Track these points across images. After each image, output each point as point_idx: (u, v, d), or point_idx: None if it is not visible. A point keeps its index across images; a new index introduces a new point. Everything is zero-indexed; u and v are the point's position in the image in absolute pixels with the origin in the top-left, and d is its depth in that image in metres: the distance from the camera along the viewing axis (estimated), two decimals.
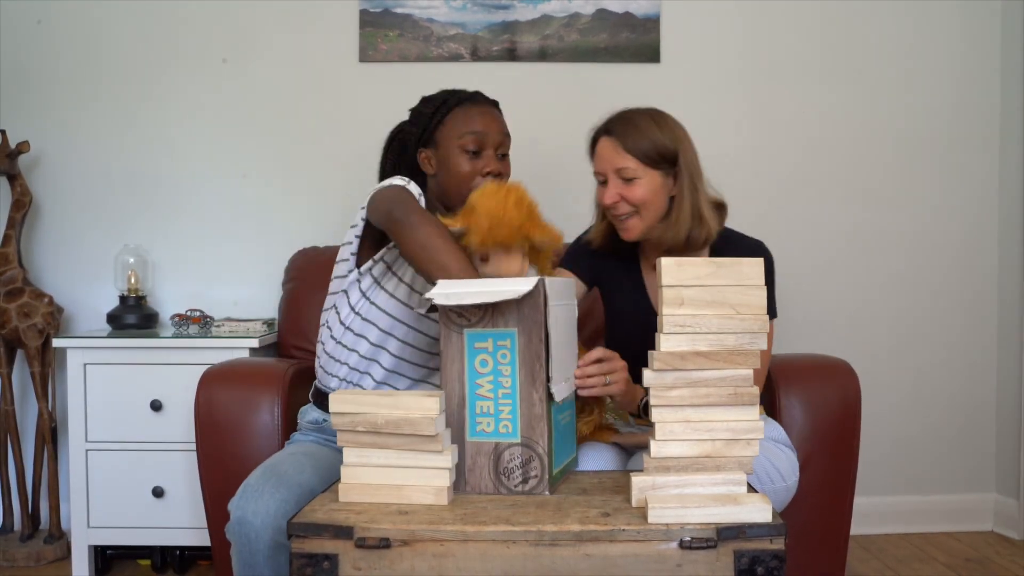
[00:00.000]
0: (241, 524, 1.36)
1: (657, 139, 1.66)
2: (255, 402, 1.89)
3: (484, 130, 1.71)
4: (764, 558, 1.16)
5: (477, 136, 1.70)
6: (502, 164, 1.73)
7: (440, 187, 1.74)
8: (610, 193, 1.67)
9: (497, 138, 1.72)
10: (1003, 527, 2.75)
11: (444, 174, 1.72)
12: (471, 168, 1.70)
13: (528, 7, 2.72)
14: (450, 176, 1.71)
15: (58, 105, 2.73)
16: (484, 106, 1.75)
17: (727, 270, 1.22)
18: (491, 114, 1.75)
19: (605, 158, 1.69)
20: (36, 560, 2.51)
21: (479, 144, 1.70)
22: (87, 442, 2.36)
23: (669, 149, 1.67)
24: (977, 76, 2.80)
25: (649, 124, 1.68)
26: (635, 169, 1.66)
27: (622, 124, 1.69)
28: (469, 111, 1.73)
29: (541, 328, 1.30)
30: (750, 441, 1.22)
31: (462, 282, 1.33)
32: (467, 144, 1.70)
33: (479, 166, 1.70)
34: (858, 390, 1.90)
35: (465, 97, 1.75)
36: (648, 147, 1.66)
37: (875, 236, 2.80)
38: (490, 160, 1.71)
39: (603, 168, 1.70)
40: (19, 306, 2.50)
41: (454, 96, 1.76)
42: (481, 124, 1.71)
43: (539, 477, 1.32)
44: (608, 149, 1.68)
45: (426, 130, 1.74)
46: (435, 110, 1.74)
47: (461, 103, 1.74)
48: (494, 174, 1.70)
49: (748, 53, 2.77)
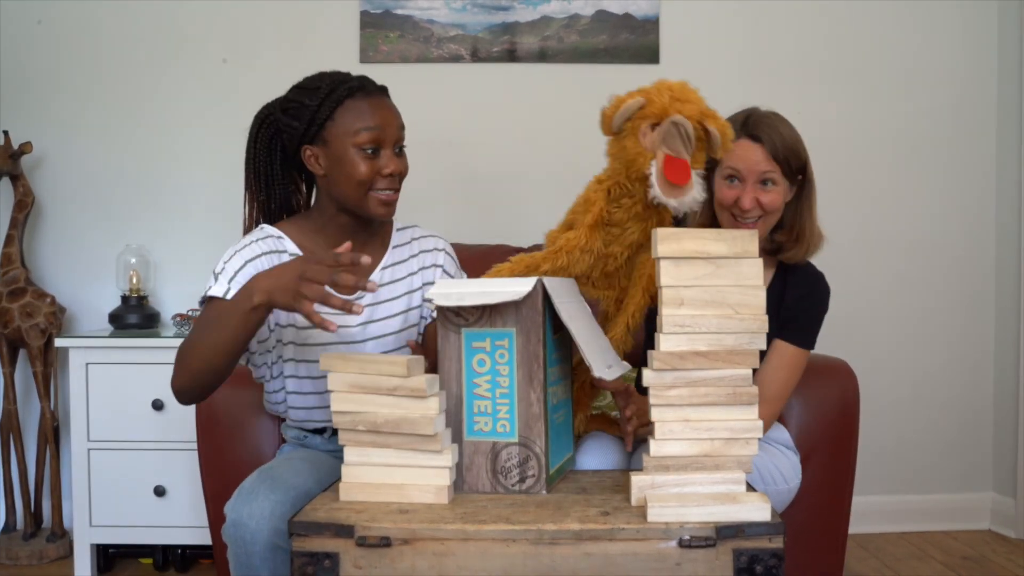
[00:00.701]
0: (237, 527, 1.36)
1: (798, 149, 1.68)
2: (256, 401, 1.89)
3: (381, 125, 1.54)
4: (763, 557, 1.17)
5: (374, 133, 1.53)
6: (400, 160, 1.58)
7: (333, 189, 1.58)
8: (748, 197, 1.66)
9: (395, 133, 1.57)
10: (1000, 526, 2.76)
11: (338, 175, 1.56)
12: (368, 169, 1.54)
13: (528, 8, 2.73)
14: (345, 178, 1.55)
15: (60, 106, 2.73)
16: (377, 96, 1.57)
17: (727, 270, 1.23)
18: (385, 105, 1.58)
19: (751, 160, 1.66)
20: (38, 559, 2.52)
21: (376, 141, 1.54)
22: (89, 441, 2.36)
23: (802, 160, 1.69)
24: (974, 77, 2.81)
25: (792, 132, 1.69)
26: (777, 176, 1.66)
27: (770, 129, 1.66)
28: (361, 104, 1.55)
29: (539, 328, 1.30)
30: (749, 440, 1.23)
31: (462, 282, 1.34)
32: (363, 143, 1.53)
33: (378, 166, 1.54)
34: (857, 390, 1.91)
35: (355, 86, 1.56)
36: (792, 157, 1.67)
37: (874, 236, 2.80)
38: (389, 159, 1.56)
39: (744, 169, 1.67)
40: (22, 306, 2.51)
41: (341, 85, 1.56)
42: (377, 119, 1.54)
43: (536, 476, 1.32)
44: (755, 152, 1.66)
45: (311, 125, 1.56)
46: (320, 103, 1.55)
47: (352, 94, 1.55)
48: (393, 175, 1.56)
49: (748, 54, 2.78)
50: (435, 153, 2.58)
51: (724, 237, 1.22)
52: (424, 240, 1.74)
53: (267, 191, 1.68)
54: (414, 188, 1.95)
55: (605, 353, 1.42)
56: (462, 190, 2.72)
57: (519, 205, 2.65)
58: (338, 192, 1.58)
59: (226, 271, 1.53)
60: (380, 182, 1.56)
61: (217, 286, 1.50)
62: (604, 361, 1.37)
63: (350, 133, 1.54)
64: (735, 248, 1.22)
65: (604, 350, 1.43)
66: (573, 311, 1.38)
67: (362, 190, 1.55)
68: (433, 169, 2.58)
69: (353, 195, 1.56)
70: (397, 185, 1.59)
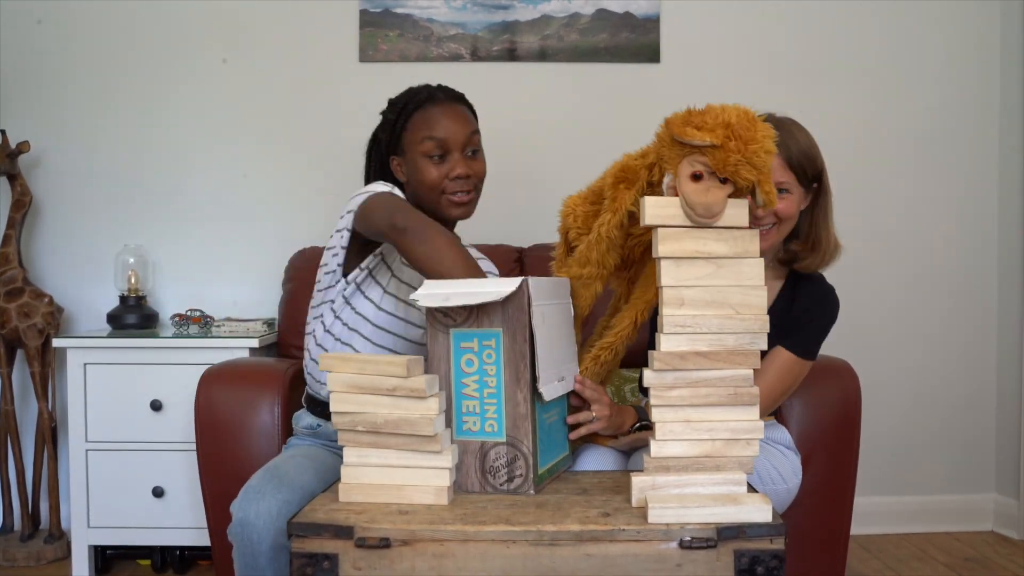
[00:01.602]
0: (243, 526, 1.36)
1: (814, 157, 1.66)
2: (255, 402, 1.89)
3: (445, 134, 1.63)
4: (764, 558, 1.16)
5: (438, 141, 1.63)
6: (471, 163, 1.66)
7: (413, 194, 1.68)
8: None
9: (461, 138, 1.64)
10: (1003, 527, 2.76)
11: (414, 182, 1.67)
12: (437, 174, 1.63)
13: (528, 7, 2.72)
14: (419, 184, 1.65)
15: (58, 105, 2.73)
16: (445, 105, 1.67)
17: (727, 271, 1.22)
18: (453, 113, 1.66)
19: None
20: (36, 560, 2.51)
21: (442, 148, 1.63)
22: (87, 442, 2.36)
23: (818, 168, 1.67)
24: (977, 76, 2.80)
25: (807, 138, 1.67)
26: (791, 184, 1.65)
27: (786, 136, 1.62)
28: (429, 114, 1.65)
29: (525, 328, 1.30)
30: (750, 441, 1.22)
31: (448, 283, 1.34)
32: (429, 150, 1.63)
33: (445, 171, 1.63)
34: (858, 390, 1.91)
35: (425, 98, 1.67)
36: (807, 164, 1.65)
37: (875, 236, 2.80)
38: (456, 163, 1.63)
39: None
40: (19, 306, 2.50)
41: (413, 99, 1.67)
42: (442, 127, 1.63)
43: (524, 476, 1.32)
44: None
45: (392, 137, 1.69)
46: (397, 116, 1.67)
47: (421, 106, 1.66)
48: (462, 177, 1.63)
49: (748, 52, 2.77)
50: None
51: (725, 237, 1.22)
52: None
53: None
54: None
55: (561, 365, 1.43)
56: None
57: (519, 204, 2.64)
58: (418, 197, 1.67)
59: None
60: (450, 185, 1.64)
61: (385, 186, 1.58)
62: (555, 374, 1.38)
63: (417, 141, 1.64)
64: (736, 248, 1.22)
65: (562, 361, 1.43)
66: (549, 315, 1.38)
67: (435, 194, 1.64)
68: None
69: (428, 199, 1.65)
70: (469, 187, 1.66)
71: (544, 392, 1.32)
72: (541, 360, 1.32)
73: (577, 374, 1.50)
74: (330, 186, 2.71)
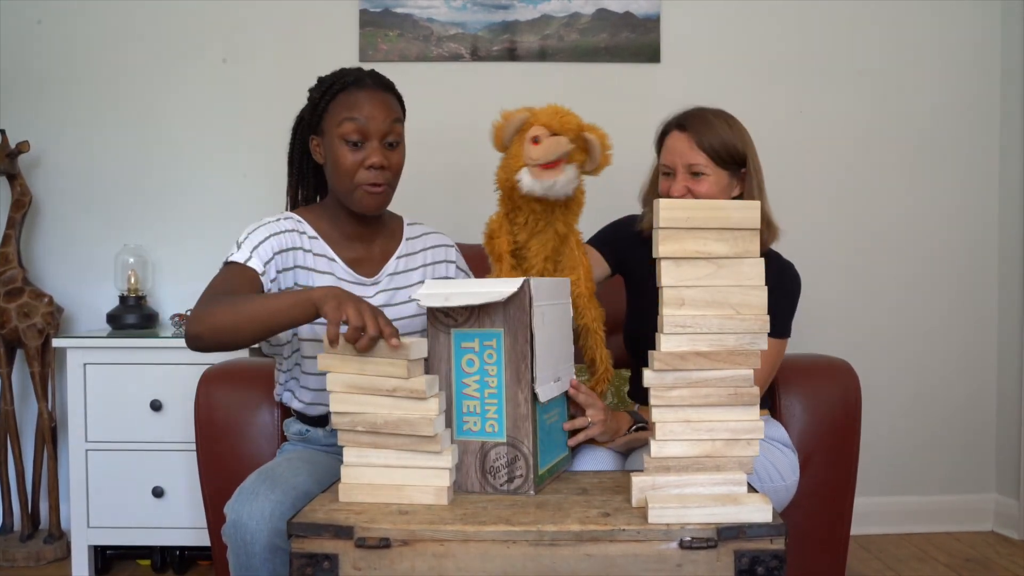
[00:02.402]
0: (237, 527, 1.36)
1: (729, 139, 1.69)
2: (255, 402, 1.89)
3: (366, 117, 1.55)
4: (764, 558, 1.16)
5: (357, 124, 1.55)
6: (388, 154, 1.58)
7: (329, 179, 1.63)
8: (678, 187, 1.69)
9: (382, 125, 1.56)
10: (1003, 527, 2.76)
11: (329, 166, 1.60)
12: (352, 160, 1.56)
13: (528, 7, 2.72)
14: (334, 168, 1.59)
15: (58, 105, 2.73)
16: (371, 90, 1.59)
17: (728, 270, 1.22)
18: (377, 99, 1.58)
19: (676, 152, 1.70)
20: (36, 560, 2.51)
21: (361, 133, 1.56)
22: (87, 442, 2.36)
23: (739, 151, 1.70)
24: (977, 76, 2.80)
25: (723, 124, 1.70)
26: (705, 166, 1.68)
27: (696, 120, 1.70)
28: (352, 96, 1.58)
29: (526, 328, 1.30)
30: (750, 441, 1.22)
31: (450, 283, 1.34)
32: (347, 133, 1.56)
33: (360, 158, 1.56)
34: (858, 390, 1.90)
35: (351, 81, 1.60)
36: (720, 146, 1.68)
37: (875, 236, 2.80)
38: (373, 151, 1.56)
39: (672, 161, 1.71)
40: (19, 306, 2.50)
41: (340, 79, 1.60)
42: (363, 110, 1.56)
43: (524, 476, 1.32)
44: (681, 143, 1.70)
45: (313, 115, 1.61)
46: (322, 95, 1.60)
47: (346, 88, 1.59)
48: (376, 166, 1.56)
49: (748, 53, 2.77)
50: (435, 152, 2.58)
51: (725, 237, 1.21)
52: (431, 236, 1.78)
53: (298, 180, 1.74)
54: (414, 187, 1.94)
55: (559, 366, 1.43)
56: (461, 189, 2.70)
57: None
58: (332, 182, 1.62)
59: (250, 240, 1.57)
60: (363, 174, 1.57)
61: (239, 253, 1.55)
62: (552, 374, 1.39)
63: (337, 123, 1.57)
64: (736, 248, 1.22)
65: (560, 362, 1.44)
66: (548, 315, 1.38)
67: (347, 181, 1.58)
68: (433, 168, 2.58)
69: (340, 185, 1.59)
70: (382, 179, 1.58)
71: (540, 392, 1.32)
72: (539, 360, 1.32)
73: (573, 377, 1.51)
74: None
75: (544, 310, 1.35)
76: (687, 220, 1.20)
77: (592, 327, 1.62)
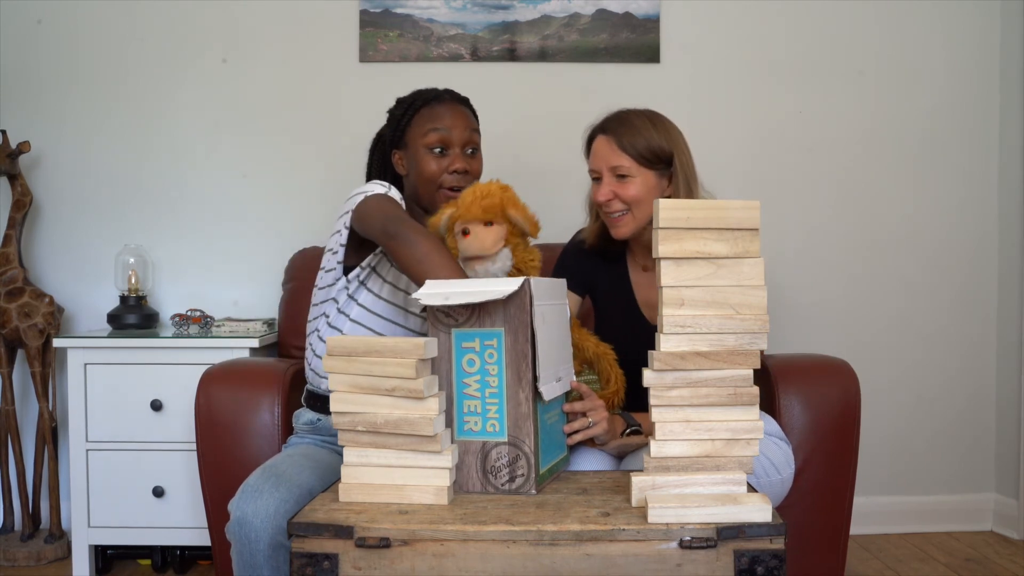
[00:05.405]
0: (241, 524, 1.36)
1: (653, 139, 1.68)
2: (255, 402, 1.89)
3: (448, 127, 1.72)
4: (764, 558, 1.16)
5: (441, 134, 1.71)
6: (469, 161, 1.74)
7: (412, 188, 1.76)
8: (604, 191, 1.69)
9: (463, 135, 1.73)
10: (1002, 527, 2.76)
11: (414, 174, 1.74)
12: (437, 167, 1.71)
13: (528, 7, 2.72)
14: (419, 176, 1.73)
15: (58, 105, 2.73)
16: (449, 104, 1.76)
17: (727, 270, 1.22)
18: (456, 111, 1.75)
19: (600, 156, 1.70)
20: (36, 560, 2.51)
21: (444, 142, 1.72)
22: (87, 442, 2.36)
23: (664, 150, 1.68)
24: (977, 76, 2.80)
25: (645, 124, 1.69)
26: (629, 168, 1.67)
27: (618, 123, 1.70)
28: (434, 110, 1.74)
29: (527, 328, 1.30)
30: (750, 441, 1.22)
31: (449, 282, 1.34)
32: (432, 143, 1.71)
33: (445, 164, 1.71)
34: (858, 390, 1.90)
35: (432, 96, 1.76)
36: (643, 146, 1.67)
37: (875, 236, 2.80)
38: (456, 158, 1.72)
39: (598, 166, 1.71)
40: (20, 306, 2.50)
41: (421, 96, 1.77)
42: (445, 122, 1.72)
43: (526, 476, 1.32)
44: (603, 147, 1.70)
45: (396, 131, 1.77)
46: (404, 111, 1.76)
47: (427, 103, 1.75)
48: (460, 171, 1.71)
49: (748, 53, 2.77)
50: None
51: (725, 237, 1.22)
52: None
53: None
54: None
55: (559, 365, 1.43)
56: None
57: None
58: (415, 190, 1.75)
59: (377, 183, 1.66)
60: (448, 179, 1.71)
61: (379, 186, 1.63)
62: (553, 374, 1.39)
63: (421, 135, 1.72)
64: (736, 248, 1.22)
65: (560, 361, 1.44)
66: (548, 315, 1.38)
67: (432, 186, 1.72)
68: None
69: (425, 192, 1.73)
70: (464, 183, 1.70)
71: (544, 392, 1.32)
72: (541, 360, 1.32)
73: (573, 378, 1.51)
74: (330, 186, 2.71)
75: (544, 310, 1.36)
76: (687, 220, 1.20)
77: (599, 351, 1.68)
